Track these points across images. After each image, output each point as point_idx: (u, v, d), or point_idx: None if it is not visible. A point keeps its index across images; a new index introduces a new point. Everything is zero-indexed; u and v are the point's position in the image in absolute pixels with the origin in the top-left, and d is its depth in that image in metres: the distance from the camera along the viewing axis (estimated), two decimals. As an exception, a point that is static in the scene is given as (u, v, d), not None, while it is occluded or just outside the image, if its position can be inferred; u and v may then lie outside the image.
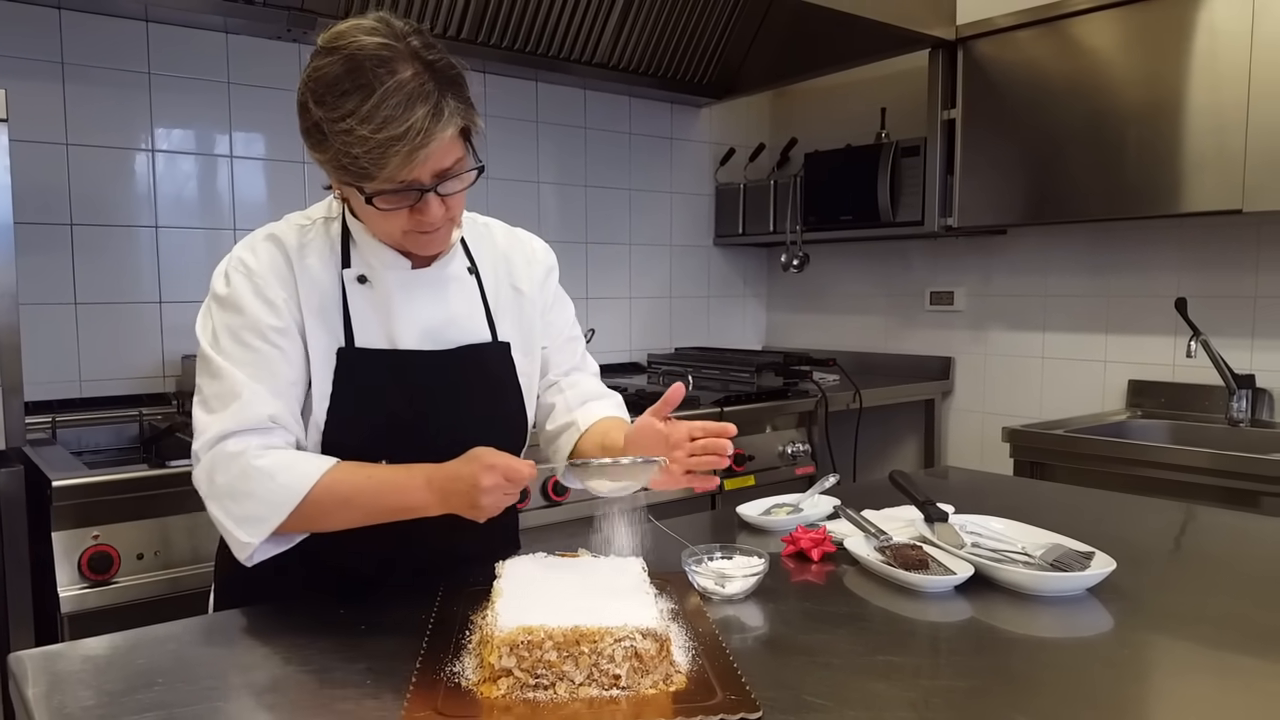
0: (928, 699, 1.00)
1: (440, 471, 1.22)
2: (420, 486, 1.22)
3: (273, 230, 1.36)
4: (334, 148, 1.17)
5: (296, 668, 1.09)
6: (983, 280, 3.50)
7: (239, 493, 1.23)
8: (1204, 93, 2.58)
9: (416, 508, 1.23)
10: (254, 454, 1.23)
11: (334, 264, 1.35)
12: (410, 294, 1.36)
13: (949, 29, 3.08)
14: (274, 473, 1.23)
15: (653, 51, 3.41)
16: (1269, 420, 2.78)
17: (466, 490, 1.18)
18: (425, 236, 1.29)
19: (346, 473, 1.26)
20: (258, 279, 1.30)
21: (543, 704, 0.95)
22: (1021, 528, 1.52)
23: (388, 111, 1.14)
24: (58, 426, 2.42)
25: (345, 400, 1.32)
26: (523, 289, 1.50)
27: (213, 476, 1.25)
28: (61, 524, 1.88)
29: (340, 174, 1.21)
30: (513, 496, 1.21)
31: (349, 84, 1.15)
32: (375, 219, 1.27)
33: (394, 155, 1.15)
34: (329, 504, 1.24)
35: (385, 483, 1.25)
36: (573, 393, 1.56)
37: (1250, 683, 1.07)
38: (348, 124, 1.15)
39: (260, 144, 2.82)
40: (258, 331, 1.28)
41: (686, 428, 1.29)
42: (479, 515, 1.20)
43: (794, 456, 3.08)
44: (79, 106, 2.52)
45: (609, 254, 3.72)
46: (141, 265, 2.65)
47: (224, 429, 1.24)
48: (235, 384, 1.26)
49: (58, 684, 1.04)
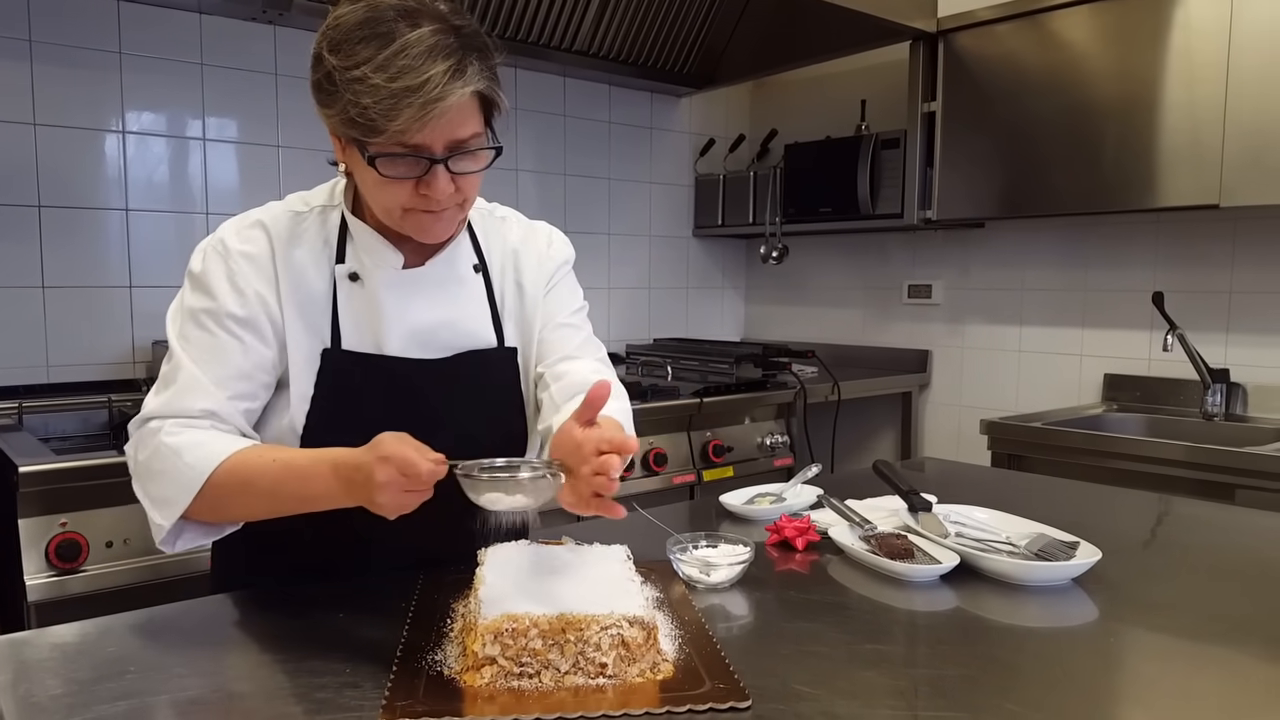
0: (916, 687, 0.99)
1: (346, 458, 1.09)
2: (325, 474, 1.10)
3: (263, 216, 1.28)
4: (343, 99, 1.09)
5: (273, 655, 1.06)
6: (960, 273, 3.51)
7: (152, 471, 1.18)
8: (1181, 88, 2.59)
9: (323, 496, 1.11)
10: (169, 431, 1.17)
11: (326, 258, 1.28)
12: (400, 295, 1.28)
13: (930, 21, 3.08)
14: (182, 451, 1.16)
15: (633, 39, 3.39)
16: (1243, 414, 2.80)
17: (364, 481, 1.05)
18: (429, 217, 1.19)
19: (253, 454, 1.16)
20: (233, 264, 1.24)
21: (527, 693, 0.93)
22: (1005, 518, 1.52)
23: (405, 61, 1.06)
24: (24, 412, 2.37)
25: (326, 405, 1.25)
26: (525, 286, 1.41)
27: (136, 453, 1.21)
28: (28, 511, 1.83)
29: (346, 128, 1.12)
30: (418, 495, 1.04)
31: (367, 30, 1.09)
32: (376, 190, 1.18)
33: (406, 107, 1.07)
34: (232, 486, 1.15)
35: (289, 467, 1.14)
36: (558, 386, 1.36)
37: (1230, 670, 1.07)
38: (361, 71, 1.07)
39: (234, 127, 2.77)
40: (217, 317, 1.22)
41: (597, 437, 1.05)
42: (383, 512, 1.06)
43: (773, 448, 3.08)
44: (47, 86, 2.46)
45: (588, 244, 3.69)
46: (111, 249, 2.59)
47: (153, 410, 1.20)
48: (179, 368, 1.21)
49: (25, 672, 1.01)
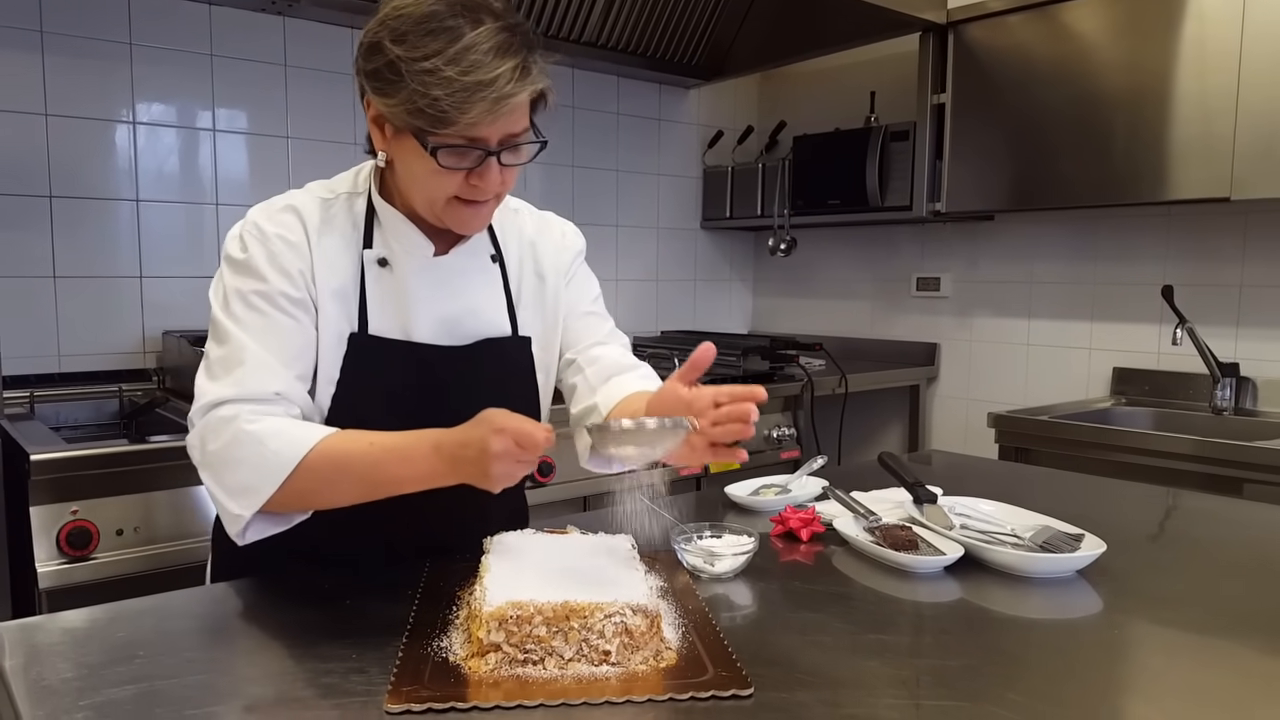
0: (919, 676, 0.99)
1: (450, 436, 1.11)
2: (428, 454, 1.12)
3: (292, 201, 1.30)
4: (410, 89, 1.12)
5: (281, 641, 1.07)
6: (969, 266, 3.50)
7: (230, 460, 1.15)
8: (1193, 80, 2.58)
9: (424, 477, 1.13)
10: (247, 419, 1.16)
11: (355, 243, 1.30)
12: (430, 281, 1.31)
13: (940, 12, 3.07)
14: (266, 438, 1.14)
15: (641, 31, 3.38)
16: (1252, 409, 2.79)
17: (476, 456, 1.07)
18: (471, 209, 1.23)
19: (346, 439, 1.17)
20: (274, 246, 1.24)
21: (532, 679, 0.94)
22: (1011, 510, 1.52)
23: (477, 56, 1.10)
24: (35, 401, 2.39)
25: (352, 388, 1.27)
26: (546, 276, 1.44)
27: (205, 443, 1.18)
28: (39, 498, 1.85)
29: (412, 118, 1.14)
30: (527, 465, 1.09)
31: (434, 24, 1.12)
32: (427, 179, 1.20)
33: (479, 101, 1.11)
34: (326, 472, 1.15)
35: (390, 449, 1.14)
36: (593, 370, 1.44)
37: (1235, 664, 1.07)
38: (432, 63, 1.10)
39: (243, 118, 2.78)
40: (270, 298, 1.22)
41: (711, 393, 1.16)
42: (491, 485, 1.08)
43: (779, 440, 3.08)
44: (58, 77, 2.47)
45: (595, 236, 3.65)
46: (121, 239, 2.61)
47: (221, 395, 1.17)
48: (241, 350, 1.20)
49: (36, 656, 1.02)
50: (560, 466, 2.52)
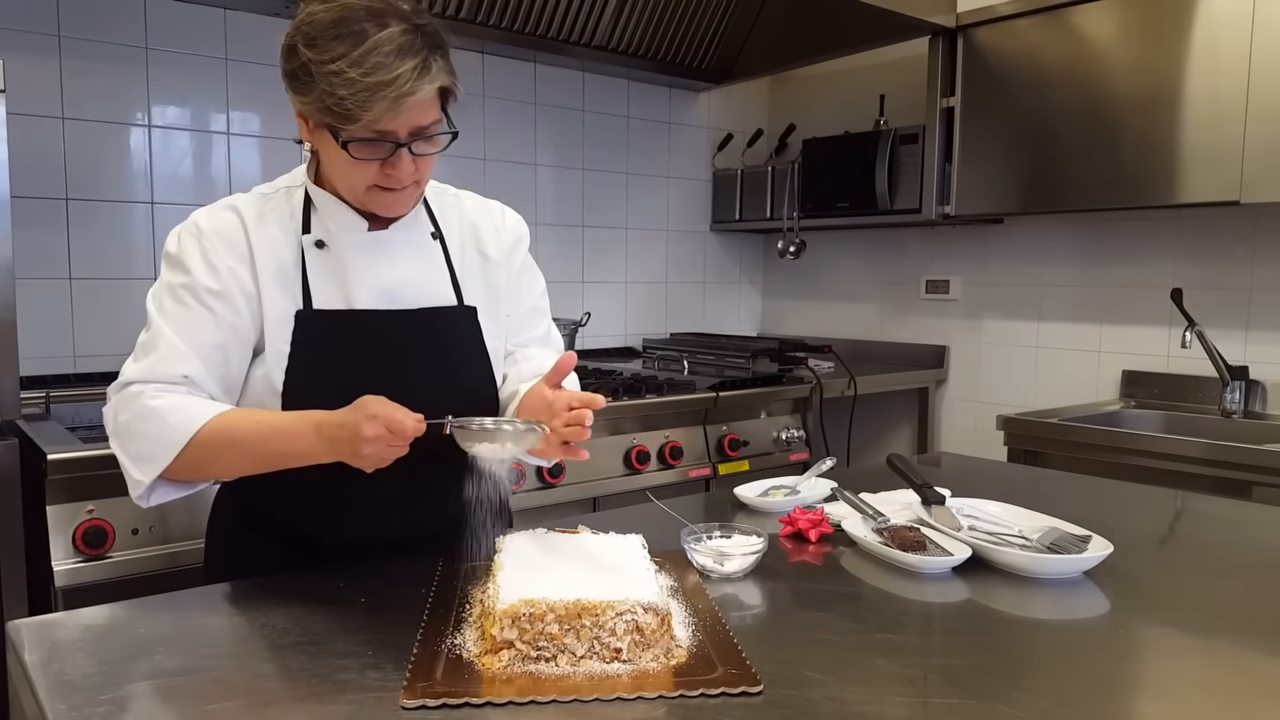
0: (926, 675, 1.00)
1: (329, 418, 1.21)
2: (308, 432, 1.22)
3: (233, 200, 1.40)
4: (319, 89, 1.21)
5: (296, 638, 1.09)
6: (979, 269, 3.51)
7: (135, 431, 1.26)
8: (1203, 83, 2.58)
9: (304, 454, 1.23)
10: (151, 395, 1.27)
11: (294, 230, 1.38)
12: (367, 255, 1.38)
13: (949, 16, 3.07)
14: (165, 413, 1.25)
15: (652, 34, 3.40)
16: (1261, 412, 2.79)
17: (349, 439, 1.17)
18: (390, 194, 1.32)
19: (237, 417, 1.28)
20: (206, 242, 1.33)
21: (544, 676, 0.95)
22: (1018, 511, 1.53)
23: (378, 59, 1.19)
24: (51, 402, 2.41)
25: (303, 362, 1.34)
26: (490, 254, 1.51)
27: (116, 415, 1.29)
28: (56, 498, 1.87)
29: (322, 115, 1.24)
30: (398, 449, 1.18)
31: (342, 29, 1.20)
32: (344, 169, 1.30)
33: (379, 100, 1.19)
34: (216, 445, 1.25)
35: (274, 427, 1.26)
36: (526, 365, 1.53)
37: (1241, 665, 1.08)
38: (338, 65, 1.19)
39: (257, 121, 2.81)
40: (193, 291, 1.31)
41: (567, 397, 1.26)
42: (363, 465, 1.18)
43: (788, 443, 3.09)
44: (76, 80, 2.50)
45: (605, 238, 3.71)
46: (136, 241, 2.63)
47: (134, 375, 1.29)
48: (158, 336, 1.30)
49: (56, 652, 1.04)
50: (570, 468, 2.53)
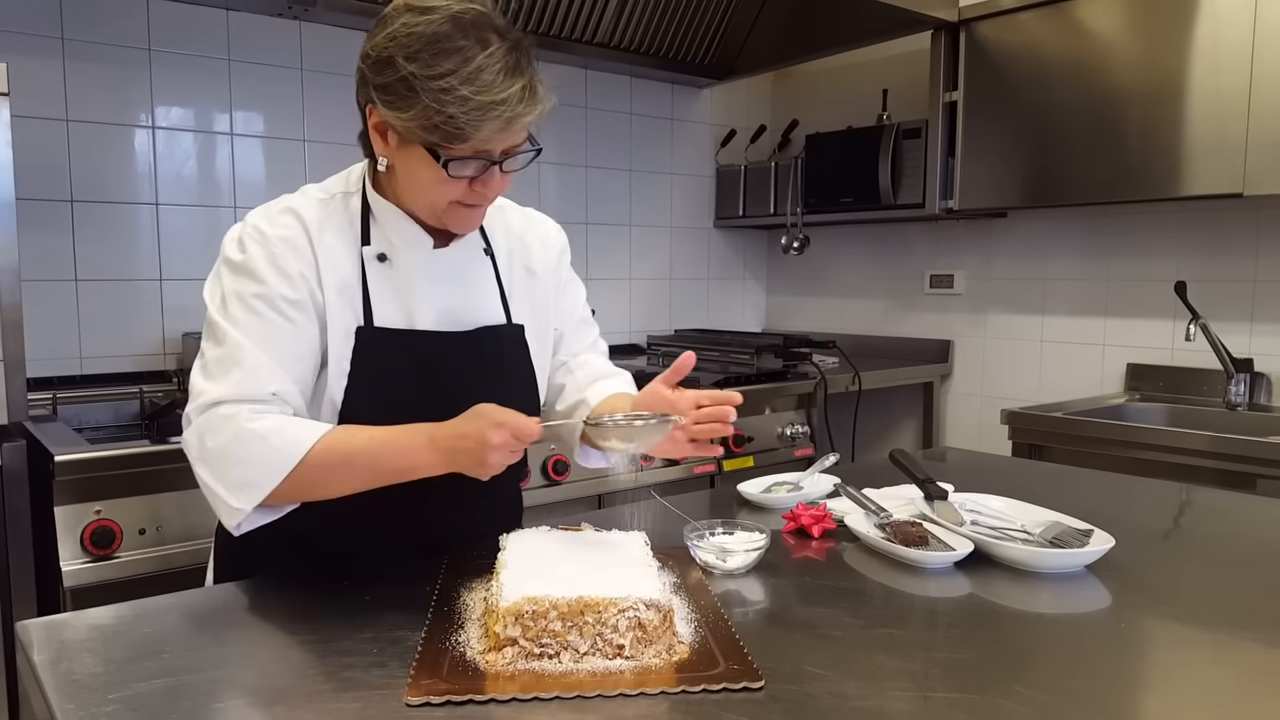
0: (928, 670, 1.01)
1: (444, 430, 1.19)
2: (423, 446, 1.19)
3: (290, 203, 1.33)
4: (424, 104, 1.17)
5: (302, 637, 1.09)
6: (983, 263, 3.51)
7: (231, 457, 1.20)
8: (1206, 76, 2.58)
9: (420, 467, 1.20)
10: (247, 417, 1.20)
11: (353, 241, 1.33)
12: (431, 273, 1.35)
13: (952, 10, 3.07)
14: (268, 436, 1.19)
15: (654, 31, 3.40)
16: (1266, 404, 2.79)
17: (474, 448, 1.15)
18: (470, 211, 1.29)
19: (346, 434, 1.23)
20: (274, 248, 1.27)
21: (547, 672, 0.96)
22: (1021, 506, 1.53)
23: (489, 77, 1.16)
24: (58, 403, 2.43)
25: (363, 379, 1.30)
26: (536, 271, 1.49)
27: (204, 440, 1.21)
28: (64, 499, 1.89)
29: (426, 133, 1.20)
30: (517, 454, 1.18)
31: (447, 44, 1.17)
32: (432, 186, 1.25)
33: (492, 119, 1.17)
34: (329, 464, 1.20)
35: (387, 443, 1.21)
36: (582, 373, 1.54)
37: (1244, 659, 1.08)
38: (447, 82, 1.16)
39: (260, 122, 2.81)
40: (269, 300, 1.25)
41: (693, 395, 1.29)
42: (484, 473, 1.17)
43: (793, 438, 3.09)
44: (79, 82, 2.51)
45: (609, 235, 3.71)
46: (141, 242, 2.64)
47: (220, 395, 1.21)
48: (239, 352, 1.23)
49: (65, 652, 1.05)
50: (574, 466, 2.54)
